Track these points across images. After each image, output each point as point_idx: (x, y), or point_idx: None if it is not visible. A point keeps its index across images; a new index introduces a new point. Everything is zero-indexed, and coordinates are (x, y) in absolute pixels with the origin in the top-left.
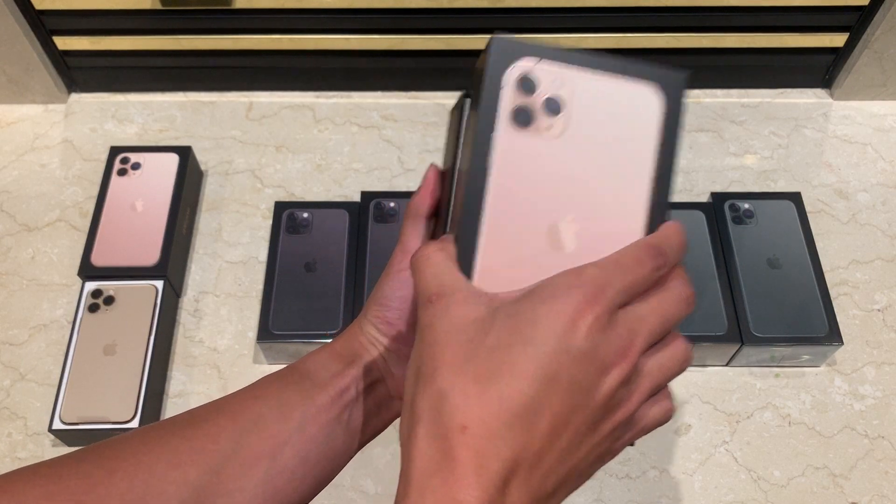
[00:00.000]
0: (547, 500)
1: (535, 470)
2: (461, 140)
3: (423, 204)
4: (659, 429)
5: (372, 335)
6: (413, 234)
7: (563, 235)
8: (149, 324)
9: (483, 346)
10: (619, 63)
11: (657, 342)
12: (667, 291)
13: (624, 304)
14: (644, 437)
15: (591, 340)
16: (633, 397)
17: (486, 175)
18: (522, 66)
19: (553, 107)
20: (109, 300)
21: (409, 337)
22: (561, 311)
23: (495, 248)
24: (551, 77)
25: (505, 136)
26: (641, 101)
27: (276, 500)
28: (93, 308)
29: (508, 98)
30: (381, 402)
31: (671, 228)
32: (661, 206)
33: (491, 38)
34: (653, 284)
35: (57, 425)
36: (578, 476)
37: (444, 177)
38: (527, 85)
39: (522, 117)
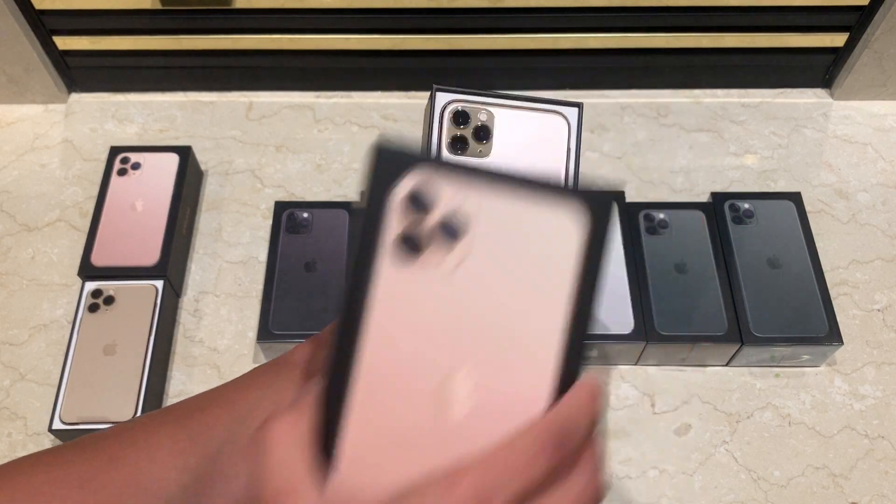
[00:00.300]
0: None
1: None
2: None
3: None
4: (659, 429)
5: None
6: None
7: (455, 395)
8: (149, 324)
9: None
10: (536, 182)
11: None
12: (569, 484)
13: None
14: (643, 438)
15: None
16: None
17: (362, 319)
18: (414, 180)
19: (450, 232)
20: (109, 300)
21: None
22: (502, 457)
23: (368, 420)
24: (450, 196)
25: (388, 269)
26: (559, 229)
27: None
28: (93, 308)
29: (394, 221)
30: None
31: (581, 397)
32: (575, 357)
33: (376, 145)
34: (552, 467)
35: (57, 425)
36: None
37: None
38: (418, 205)
39: (410, 245)
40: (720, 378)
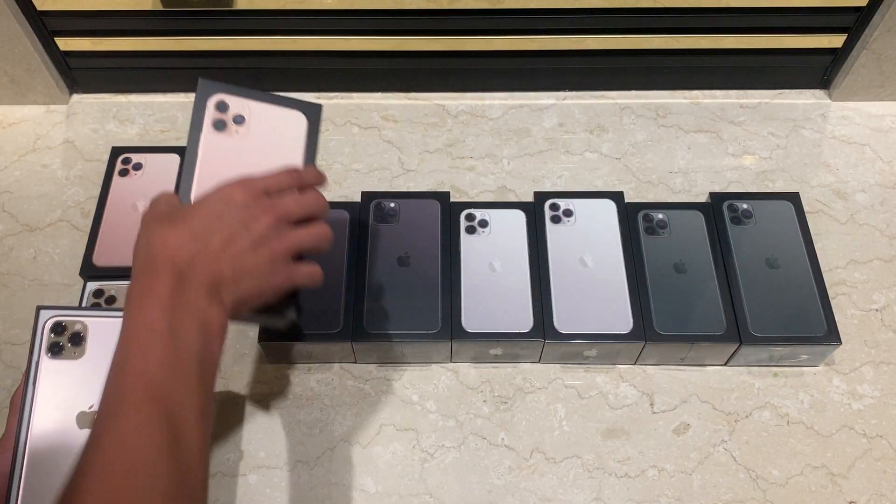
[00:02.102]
0: (230, 283)
1: (214, 263)
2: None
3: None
4: (658, 428)
5: None
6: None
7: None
8: None
9: (178, 211)
10: (280, 98)
11: (303, 222)
12: (304, 192)
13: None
14: (642, 437)
15: (246, 201)
16: (282, 241)
17: (196, 157)
18: (219, 96)
19: (238, 120)
20: (111, 300)
21: None
22: (225, 188)
23: (203, 186)
24: (237, 103)
25: (207, 135)
26: (294, 120)
27: None
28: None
29: (211, 114)
30: None
31: (309, 167)
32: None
33: (199, 81)
34: (293, 187)
35: None
36: (255, 276)
37: None
38: (221, 107)
39: (219, 125)
40: (719, 377)
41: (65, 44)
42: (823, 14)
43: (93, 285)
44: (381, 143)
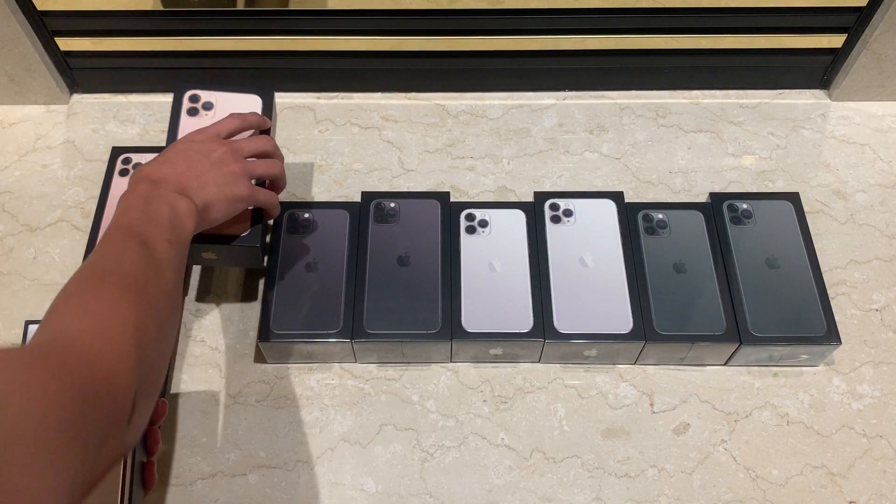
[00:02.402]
0: (196, 189)
1: (181, 177)
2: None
3: None
4: (658, 428)
5: None
6: None
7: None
8: None
9: (158, 157)
10: (239, 87)
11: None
12: (254, 137)
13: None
14: (642, 437)
15: (204, 139)
16: (238, 163)
17: (177, 137)
18: (192, 91)
19: (207, 107)
20: None
21: None
22: (186, 136)
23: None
24: (206, 95)
25: (184, 120)
26: (251, 102)
27: None
28: None
29: (186, 104)
30: None
31: (251, 113)
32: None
33: (177, 84)
34: (241, 129)
35: None
36: (218, 184)
37: None
38: (194, 99)
39: (192, 112)
40: (719, 377)
41: (65, 44)
42: (823, 14)
43: None
44: (381, 143)
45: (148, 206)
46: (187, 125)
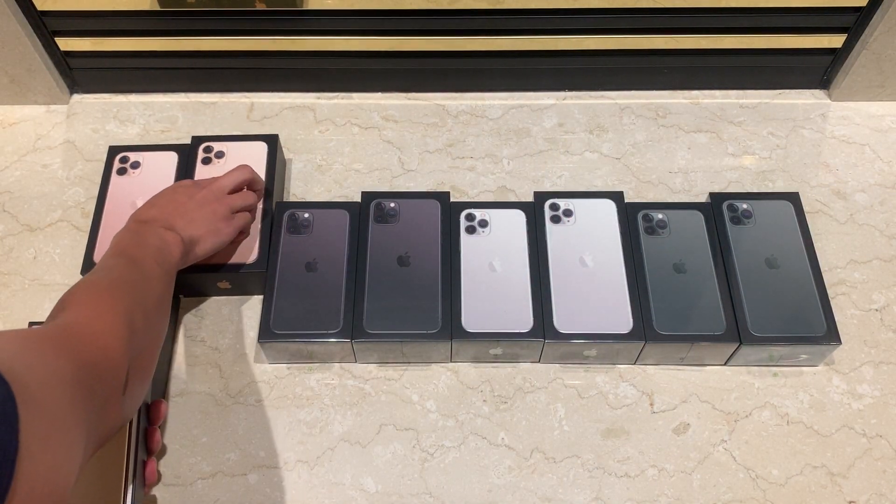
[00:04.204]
0: (183, 226)
1: (169, 218)
2: None
3: None
4: (658, 428)
5: None
6: None
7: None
8: None
9: (147, 202)
10: (247, 136)
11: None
12: (232, 171)
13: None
14: (642, 437)
15: (188, 185)
16: (220, 202)
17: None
18: (206, 144)
19: (218, 155)
20: None
21: None
22: (173, 184)
23: None
24: (218, 145)
25: (198, 169)
26: (258, 148)
27: None
28: None
29: (200, 155)
30: None
31: (247, 172)
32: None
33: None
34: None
35: None
36: (202, 222)
37: None
38: (207, 150)
39: (206, 161)
40: (719, 377)
41: (65, 44)
42: (823, 14)
43: None
44: (381, 143)
45: (138, 237)
46: (202, 173)
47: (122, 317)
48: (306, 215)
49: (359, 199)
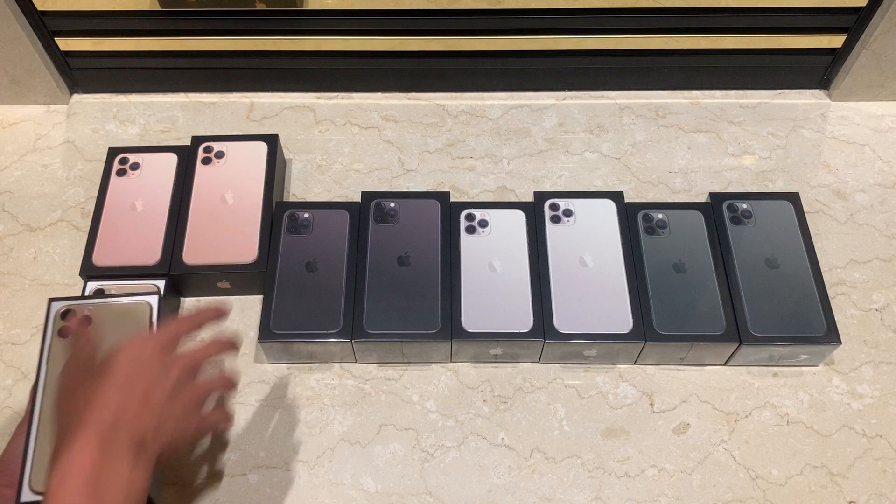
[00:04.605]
0: (154, 434)
1: (138, 420)
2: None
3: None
4: (657, 428)
5: None
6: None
7: None
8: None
9: (98, 371)
10: (247, 136)
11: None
12: (209, 342)
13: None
14: (642, 437)
15: (152, 357)
16: (195, 387)
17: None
18: (206, 143)
19: (220, 155)
20: None
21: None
22: (134, 347)
23: None
24: (218, 145)
25: (199, 169)
26: (258, 148)
27: None
28: None
29: (199, 155)
30: None
31: (207, 308)
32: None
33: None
34: (191, 329)
35: None
36: (175, 422)
37: None
38: (207, 149)
39: (206, 161)
40: (718, 377)
41: (65, 44)
42: (823, 14)
43: (93, 285)
44: (381, 143)
45: (97, 489)
46: (202, 173)
47: None
48: (306, 215)
49: (359, 199)
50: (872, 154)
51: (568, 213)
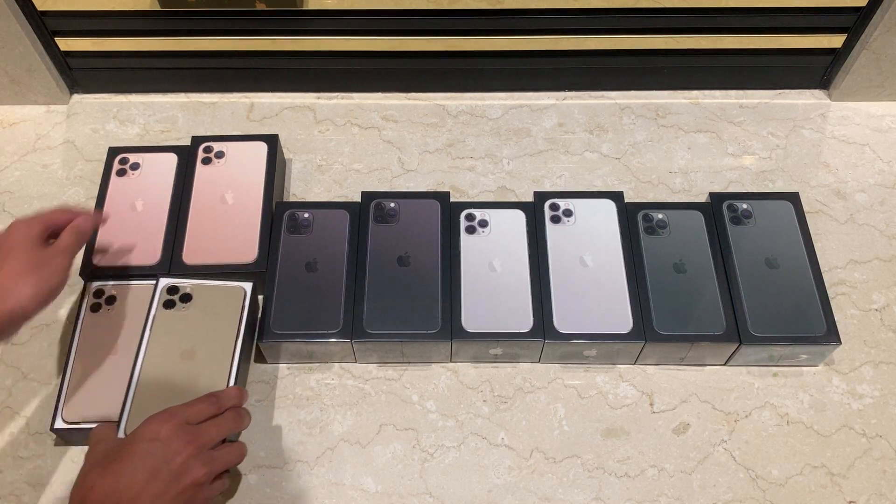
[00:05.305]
0: None
1: (139, 498)
2: None
3: None
4: (657, 428)
5: None
6: None
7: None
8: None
9: (110, 452)
10: (247, 136)
11: (223, 443)
12: (223, 418)
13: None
14: (642, 437)
15: (169, 436)
16: (203, 468)
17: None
18: (206, 143)
19: (220, 156)
20: (111, 300)
21: None
22: (152, 425)
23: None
24: (218, 145)
25: (198, 169)
26: (258, 148)
27: None
28: (95, 308)
29: (199, 156)
30: None
31: (231, 388)
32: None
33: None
34: (214, 414)
35: (59, 424)
36: (171, 501)
37: None
38: (207, 149)
39: (206, 161)
40: (718, 377)
41: (65, 44)
42: (823, 14)
43: (93, 285)
44: (381, 143)
45: None
46: (202, 173)
47: None
48: (306, 215)
49: (359, 199)
50: (872, 154)
51: (568, 213)
